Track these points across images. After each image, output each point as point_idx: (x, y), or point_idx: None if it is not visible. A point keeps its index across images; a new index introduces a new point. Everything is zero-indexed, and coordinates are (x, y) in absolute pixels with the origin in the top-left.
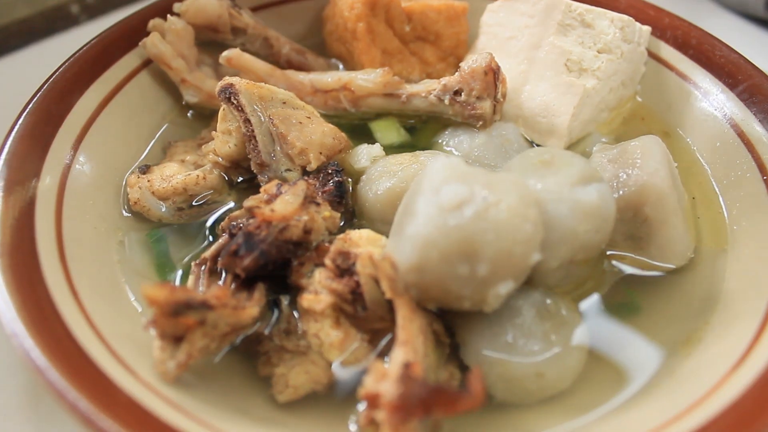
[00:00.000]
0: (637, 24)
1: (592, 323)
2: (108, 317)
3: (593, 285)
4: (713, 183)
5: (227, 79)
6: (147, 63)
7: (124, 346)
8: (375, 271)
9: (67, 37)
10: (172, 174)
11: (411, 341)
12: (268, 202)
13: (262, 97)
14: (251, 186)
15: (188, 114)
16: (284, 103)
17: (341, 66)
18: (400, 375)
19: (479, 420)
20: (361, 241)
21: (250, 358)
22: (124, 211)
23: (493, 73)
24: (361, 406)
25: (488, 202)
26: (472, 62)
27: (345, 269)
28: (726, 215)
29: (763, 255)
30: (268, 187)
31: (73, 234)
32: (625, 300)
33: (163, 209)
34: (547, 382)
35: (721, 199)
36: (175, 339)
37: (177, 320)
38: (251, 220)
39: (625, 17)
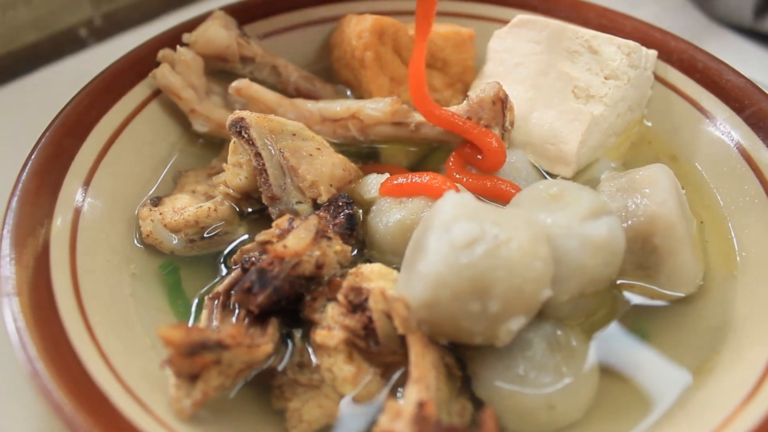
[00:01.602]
0: (644, 49)
1: (603, 353)
2: (122, 353)
3: (603, 315)
4: (722, 208)
5: (238, 113)
6: (157, 93)
7: (139, 383)
8: (387, 308)
9: (75, 60)
10: (184, 206)
11: (424, 378)
12: (281, 236)
13: (272, 130)
14: (262, 217)
15: (198, 142)
16: (294, 135)
17: (349, 92)
18: (414, 415)
19: None
20: (373, 275)
21: (264, 392)
22: (136, 243)
23: (501, 102)
24: None
25: (499, 240)
26: (480, 91)
27: (357, 305)
28: (735, 241)
29: None
30: (280, 222)
31: (87, 268)
32: (636, 329)
33: (175, 241)
34: (558, 413)
35: (729, 224)
36: (191, 377)
37: (192, 360)
38: (264, 256)
39: (632, 43)
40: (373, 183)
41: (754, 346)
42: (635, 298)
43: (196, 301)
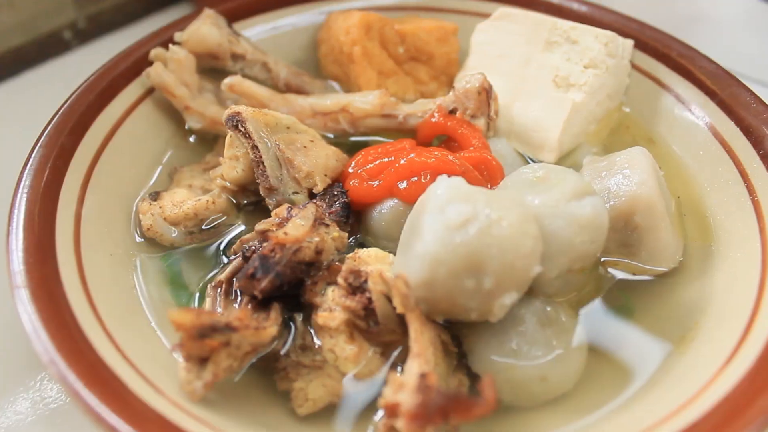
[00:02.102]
0: (620, 38)
1: (590, 327)
2: (131, 340)
3: (590, 291)
4: (698, 186)
5: (234, 108)
6: (150, 91)
7: (150, 368)
8: (386, 288)
9: (60, 63)
10: (182, 200)
11: (424, 353)
12: (280, 225)
13: (267, 124)
14: (258, 208)
15: (190, 138)
16: (288, 128)
17: (337, 86)
18: (417, 385)
19: (488, 423)
20: (370, 259)
21: (269, 375)
22: (137, 236)
23: (486, 93)
24: (379, 416)
25: (491, 219)
26: (465, 83)
27: (357, 287)
28: (711, 219)
29: (748, 257)
30: (279, 211)
31: (92, 261)
32: (621, 303)
33: (175, 234)
34: (550, 384)
35: (706, 202)
36: (201, 360)
37: (202, 343)
38: (265, 244)
39: (609, 33)
40: None
41: (731, 316)
42: (619, 274)
43: (198, 290)
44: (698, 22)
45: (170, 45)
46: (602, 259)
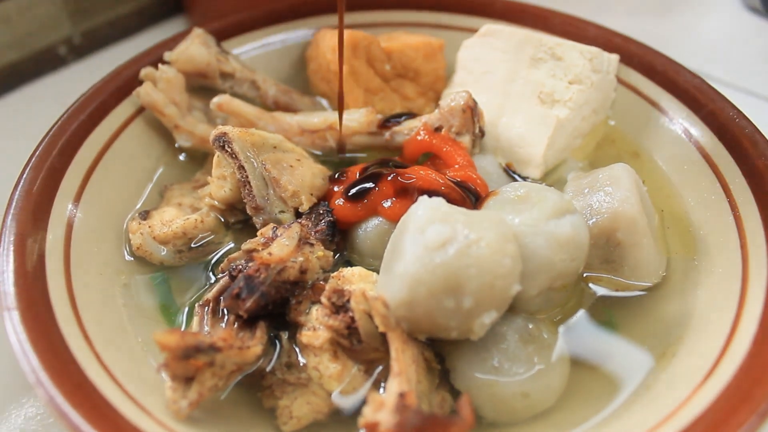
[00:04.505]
0: (605, 54)
1: (573, 343)
2: (119, 360)
3: (573, 307)
4: (683, 200)
5: (220, 128)
6: (140, 111)
7: (136, 387)
8: (369, 307)
9: (55, 78)
10: (171, 219)
11: (404, 371)
12: (265, 245)
13: (254, 144)
14: (246, 226)
15: (180, 156)
16: (275, 147)
17: (326, 103)
18: (396, 404)
19: None
20: (354, 278)
21: (255, 393)
22: (126, 255)
23: (470, 110)
24: None
25: (470, 239)
26: (450, 100)
27: (340, 306)
28: (694, 233)
29: (729, 272)
30: (265, 231)
31: (81, 281)
32: (604, 319)
33: (164, 253)
34: (532, 401)
35: (690, 217)
36: (186, 380)
37: (187, 363)
38: (250, 263)
39: (594, 49)
40: None
41: (712, 331)
42: (602, 290)
43: (186, 308)
44: (685, 30)
45: (160, 64)
46: (585, 275)
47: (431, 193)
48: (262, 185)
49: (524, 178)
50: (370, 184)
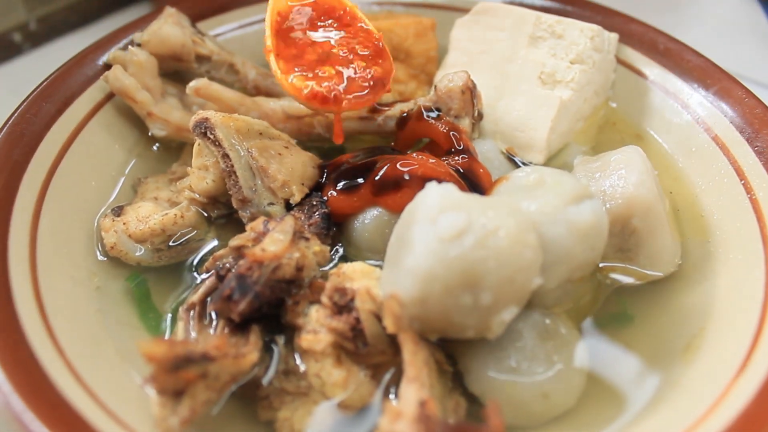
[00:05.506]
0: (606, 32)
1: (591, 339)
2: (97, 373)
3: (588, 299)
4: (691, 182)
5: (201, 114)
6: (110, 97)
7: (119, 403)
8: (375, 307)
9: (10, 67)
10: (148, 214)
11: (419, 376)
12: (256, 240)
13: (238, 130)
14: (230, 221)
15: (154, 147)
16: (261, 134)
17: None
18: (417, 414)
19: None
20: (356, 274)
21: (249, 404)
22: (99, 256)
23: (470, 92)
24: None
25: (487, 229)
26: (447, 81)
27: (343, 306)
28: (707, 218)
29: (749, 257)
30: (255, 225)
31: (50, 286)
32: (620, 311)
33: (141, 252)
34: (552, 402)
35: (701, 201)
36: (176, 393)
37: (177, 375)
38: (241, 261)
39: (595, 27)
40: None
41: (737, 320)
42: (618, 281)
43: (169, 314)
44: (686, 22)
45: (130, 46)
46: (600, 265)
47: (436, 181)
48: (248, 175)
49: (527, 164)
50: (366, 173)
